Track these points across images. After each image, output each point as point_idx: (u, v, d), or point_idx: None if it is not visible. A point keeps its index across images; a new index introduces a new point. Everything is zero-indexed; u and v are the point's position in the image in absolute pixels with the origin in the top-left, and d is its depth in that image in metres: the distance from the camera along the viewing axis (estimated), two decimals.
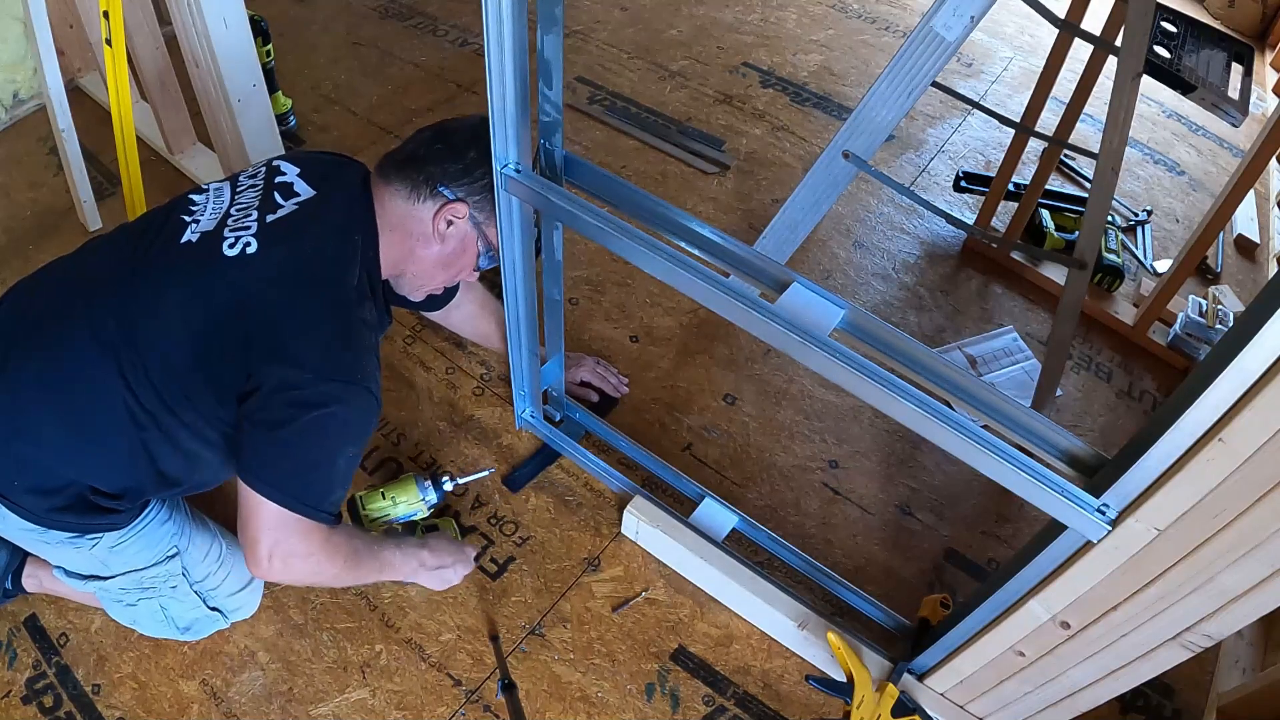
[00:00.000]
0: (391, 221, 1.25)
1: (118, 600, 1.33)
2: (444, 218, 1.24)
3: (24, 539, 1.20)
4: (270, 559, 1.15)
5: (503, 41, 1.05)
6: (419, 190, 1.24)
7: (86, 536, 1.21)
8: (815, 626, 1.43)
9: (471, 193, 1.24)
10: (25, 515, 1.15)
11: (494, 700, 1.40)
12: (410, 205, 1.24)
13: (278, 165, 1.29)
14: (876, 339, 1.05)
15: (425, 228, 1.25)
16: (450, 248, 1.28)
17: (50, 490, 1.14)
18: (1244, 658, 1.46)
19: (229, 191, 1.26)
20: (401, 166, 1.25)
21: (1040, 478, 0.94)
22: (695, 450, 1.75)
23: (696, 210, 2.22)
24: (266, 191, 1.24)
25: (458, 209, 1.24)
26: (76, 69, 2.40)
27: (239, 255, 1.15)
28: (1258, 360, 0.76)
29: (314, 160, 1.32)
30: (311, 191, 1.24)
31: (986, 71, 2.78)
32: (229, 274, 1.14)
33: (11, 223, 2.10)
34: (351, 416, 1.15)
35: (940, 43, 1.39)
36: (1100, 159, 1.58)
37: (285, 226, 1.19)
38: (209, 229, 1.19)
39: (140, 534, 1.25)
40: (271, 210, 1.21)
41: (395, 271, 1.30)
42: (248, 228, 1.18)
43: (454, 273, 1.33)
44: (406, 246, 1.26)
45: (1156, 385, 1.95)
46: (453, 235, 1.26)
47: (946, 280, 2.13)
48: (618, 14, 2.89)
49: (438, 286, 1.36)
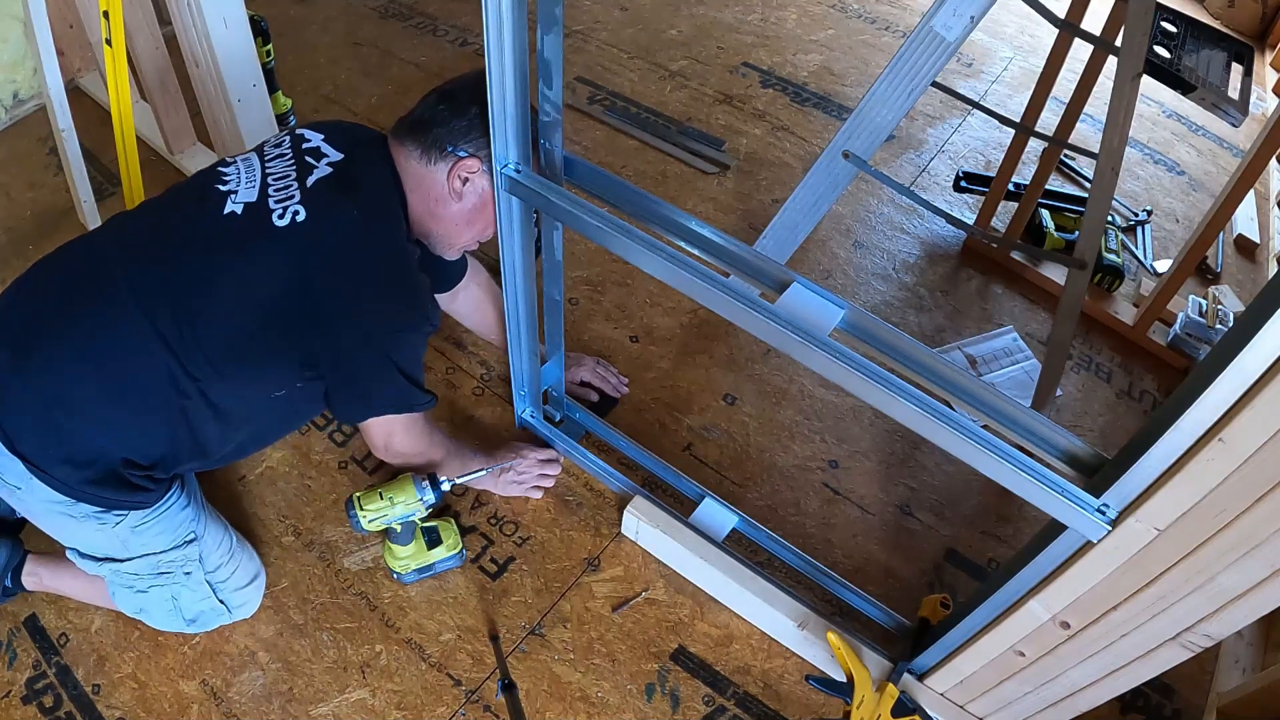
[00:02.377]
0: (412, 183, 1.29)
1: (129, 586, 1.34)
2: (458, 175, 1.27)
3: (49, 511, 1.21)
4: (388, 448, 1.41)
5: (503, 41, 1.05)
6: (430, 152, 1.27)
7: (113, 513, 1.22)
8: (815, 626, 1.43)
9: (480, 147, 1.26)
10: (57, 486, 1.16)
11: (494, 700, 1.40)
12: (425, 167, 1.28)
13: (301, 133, 1.32)
14: (876, 339, 1.05)
15: (441, 188, 1.28)
16: (470, 204, 1.31)
17: (85, 462, 1.16)
18: (1244, 658, 1.46)
19: (258, 161, 1.28)
20: (412, 130, 1.28)
21: (1040, 478, 0.94)
22: (695, 450, 1.75)
23: (696, 210, 2.22)
24: (297, 156, 1.27)
25: (469, 165, 1.27)
26: (76, 69, 2.40)
27: (290, 225, 1.18)
28: (1258, 360, 0.76)
29: (333, 127, 1.35)
30: (340, 154, 1.27)
31: (986, 71, 2.78)
32: (285, 244, 1.18)
33: (11, 223, 2.10)
34: (418, 344, 1.31)
35: (940, 43, 1.39)
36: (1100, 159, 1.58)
37: (327, 189, 1.22)
38: (251, 199, 1.21)
39: (162, 516, 1.27)
40: (308, 173, 1.24)
41: (422, 232, 1.34)
42: (292, 196, 1.21)
43: (481, 227, 1.36)
44: (427, 207, 1.30)
45: (1156, 385, 1.95)
46: (470, 191, 1.29)
47: (946, 280, 2.13)
48: (618, 14, 2.89)
49: (469, 243, 1.39)
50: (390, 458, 1.44)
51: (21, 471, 1.15)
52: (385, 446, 1.40)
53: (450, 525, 1.54)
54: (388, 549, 1.48)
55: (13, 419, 1.14)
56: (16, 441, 1.14)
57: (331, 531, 1.58)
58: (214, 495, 1.58)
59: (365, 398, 1.31)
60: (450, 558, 1.52)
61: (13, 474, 1.16)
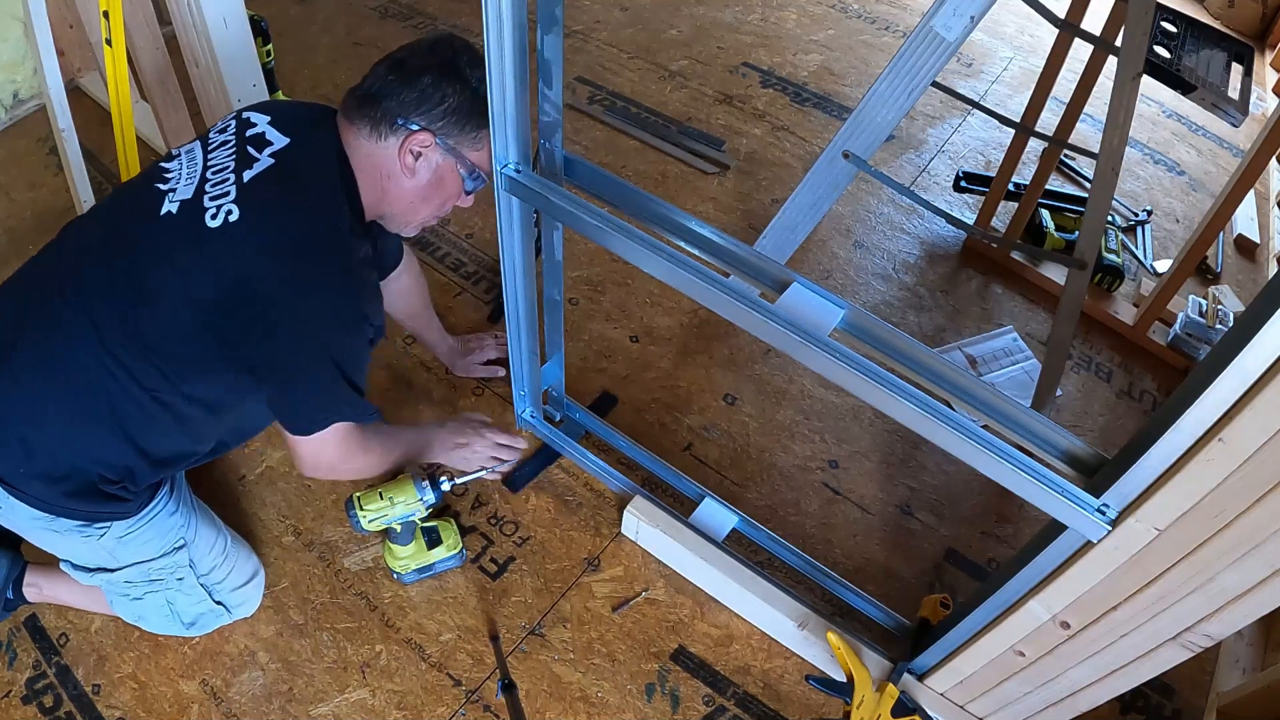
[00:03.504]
0: (361, 163, 1.22)
1: (124, 594, 1.33)
2: (409, 150, 1.20)
3: (32, 528, 1.20)
4: (316, 467, 1.32)
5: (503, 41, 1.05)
6: (379, 127, 1.20)
7: (95, 525, 1.21)
8: (815, 626, 1.43)
9: (433, 119, 1.20)
10: (34, 503, 1.15)
11: (494, 700, 1.40)
12: (374, 143, 1.21)
13: (248, 117, 1.25)
14: (876, 339, 1.05)
15: (393, 164, 1.22)
16: (424, 179, 1.24)
17: (57, 476, 1.15)
18: (1244, 658, 1.46)
19: (200, 152, 1.23)
20: (361, 104, 1.21)
21: (1040, 478, 0.94)
22: (695, 450, 1.75)
23: (696, 210, 2.22)
24: (240, 146, 1.20)
25: (421, 139, 1.20)
26: (76, 69, 2.40)
27: (223, 225, 1.12)
28: (1258, 360, 0.76)
29: (284, 108, 1.29)
30: (285, 140, 1.20)
31: (986, 71, 2.78)
32: (218, 246, 1.12)
33: (11, 222, 2.10)
34: (358, 350, 1.24)
35: (940, 43, 1.39)
36: (1100, 159, 1.58)
37: (264, 184, 1.16)
38: (187, 196, 1.16)
39: (148, 524, 1.26)
40: (247, 166, 1.17)
41: (377, 213, 1.28)
42: (226, 193, 1.15)
43: (439, 202, 1.29)
44: (380, 186, 1.24)
45: (1156, 385, 1.95)
46: (423, 166, 1.23)
47: (946, 280, 2.13)
48: (618, 14, 2.89)
49: (428, 219, 1.33)
50: (320, 473, 1.35)
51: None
52: (314, 459, 1.28)
53: (450, 525, 1.54)
54: (388, 549, 1.48)
55: None
56: None
57: (331, 531, 1.58)
58: (213, 495, 1.58)
59: (308, 403, 1.22)
60: (450, 558, 1.52)
61: None
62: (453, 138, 1.23)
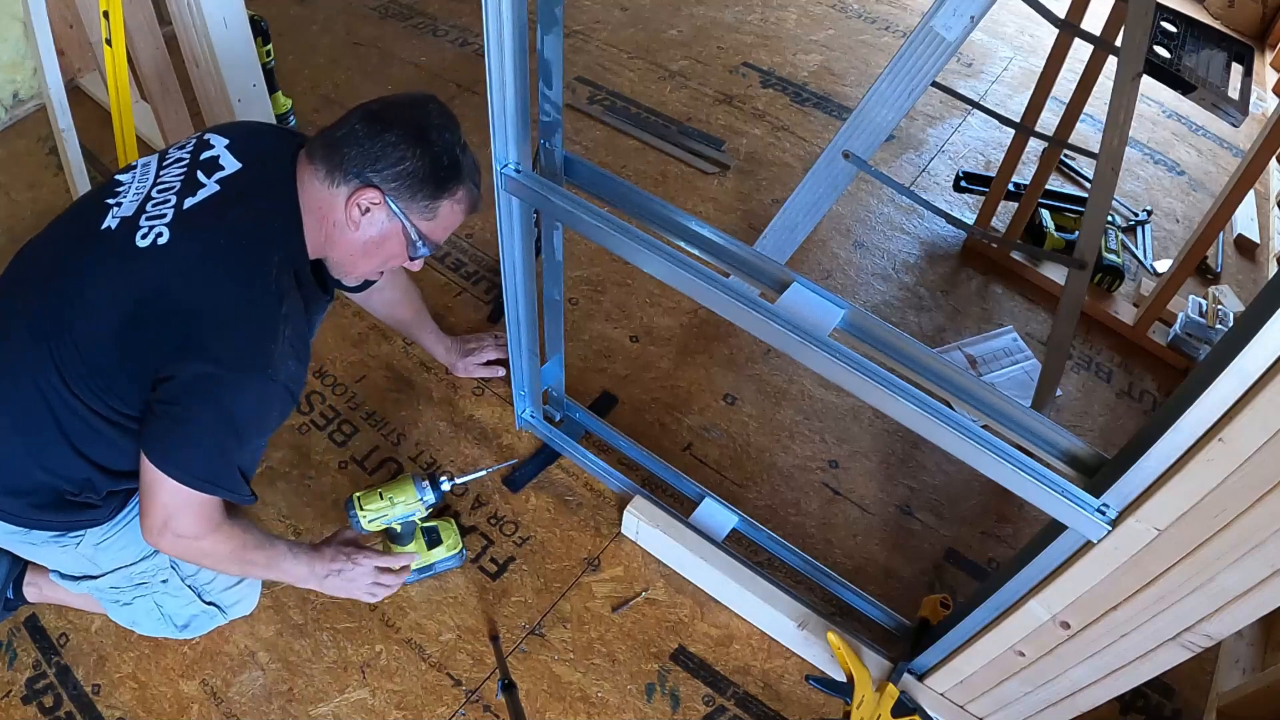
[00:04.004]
0: (310, 204, 1.18)
1: (114, 600, 1.33)
2: (355, 204, 1.16)
3: (10, 542, 1.20)
4: (162, 530, 1.13)
5: (503, 41, 1.05)
6: (334, 174, 1.16)
7: (70, 535, 1.20)
8: (815, 626, 1.43)
9: (386, 179, 1.16)
10: (5, 518, 1.15)
11: (494, 700, 1.40)
12: (326, 188, 1.17)
13: (208, 139, 1.22)
14: (876, 339, 1.05)
15: (339, 213, 1.18)
16: (368, 235, 1.20)
17: (23, 490, 1.14)
18: (1244, 658, 1.46)
19: (154, 168, 1.21)
20: (325, 147, 1.18)
21: (1040, 478, 0.94)
22: (695, 450, 1.75)
23: (696, 210, 2.22)
24: (190, 169, 1.18)
25: (369, 194, 1.16)
26: (76, 69, 2.40)
27: (150, 247, 1.10)
28: (1258, 360, 0.76)
29: (248, 131, 1.26)
30: (237, 165, 1.18)
31: (986, 71, 2.78)
32: (142, 267, 1.10)
33: (11, 222, 2.10)
34: (260, 409, 1.13)
35: (940, 43, 1.39)
36: (1100, 159, 1.58)
37: (201, 213, 1.13)
38: (128, 214, 1.14)
39: (124, 529, 1.25)
40: (190, 193, 1.15)
41: (320, 254, 1.24)
42: (163, 215, 1.12)
43: (379, 260, 1.25)
44: (325, 231, 1.20)
45: (1156, 385, 1.95)
46: (367, 223, 1.18)
47: (946, 280, 2.13)
48: (618, 14, 2.89)
49: (370, 273, 1.29)
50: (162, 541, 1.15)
51: None
52: (163, 524, 1.12)
53: (450, 525, 1.54)
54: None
55: None
56: None
57: (331, 531, 1.58)
58: None
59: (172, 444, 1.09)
60: (451, 557, 1.52)
61: None
62: (403, 201, 1.18)
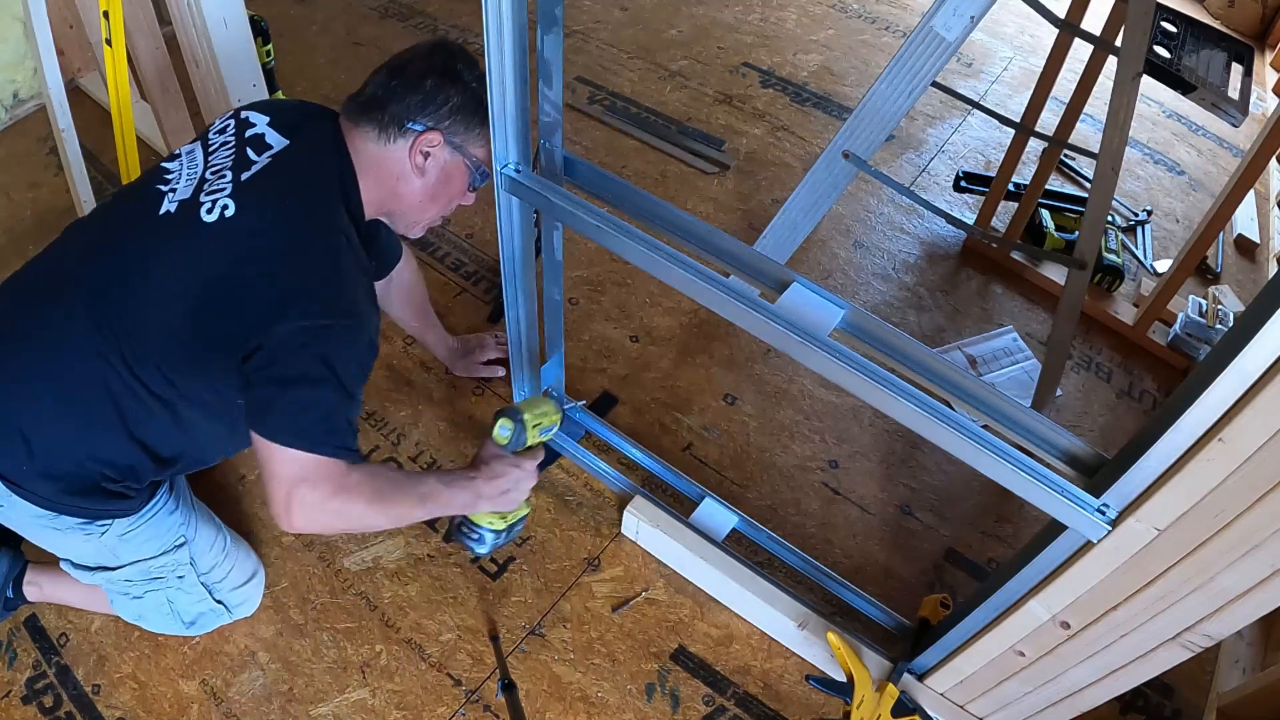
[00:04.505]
0: (367, 165, 1.24)
1: (124, 593, 1.33)
2: (419, 151, 1.23)
3: (34, 525, 1.20)
4: (289, 506, 1.10)
5: (503, 41, 1.05)
6: (387, 130, 1.23)
7: (97, 523, 1.21)
8: (815, 626, 1.43)
9: (439, 119, 1.23)
10: (36, 500, 1.15)
11: (494, 700, 1.40)
12: (382, 146, 1.23)
13: (246, 117, 1.26)
14: (876, 339, 1.05)
15: (403, 165, 1.24)
16: (433, 178, 1.27)
17: (59, 475, 1.15)
18: (1244, 658, 1.46)
19: (201, 153, 1.24)
20: (365, 109, 1.24)
21: (1040, 478, 0.94)
22: (695, 450, 1.75)
23: (696, 210, 2.22)
24: (239, 147, 1.22)
25: (430, 139, 1.23)
26: (76, 69, 2.40)
27: (218, 220, 1.13)
28: (1258, 360, 0.76)
29: (283, 108, 1.29)
30: (284, 141, 1.22)
31: (986, 71, 2.78)
32: (213, 240, 1.13)
33: (11, 222, 2.10)
34: (356, 355, 1.15)
35: (940, 43, 1.39)
36: (1100, 159, 1.58)
37: (261, 182, 1.17)
38: (186, 197, 1.17)
39: (149, 522, 1.26)
40: (245, 168, 1.18)
41: (382, 212, 1.30)
42: (223, 189, 1.16)
43: (446, 200, 1.32)
44: (388, 187, 1.26)
45: (1156, 385, 1.95)
46: (432, 166, 1.26)
47: (946, 280, 2.13)
48: (618, 14, 2.89)
49: (434, 218, 1.35)
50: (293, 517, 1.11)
51: (1, 489, 1.14)
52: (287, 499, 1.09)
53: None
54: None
55: None
56: None
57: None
58: (213, 495, 1.58)
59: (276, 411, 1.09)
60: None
61: None
62: (459, 135, 1.26)
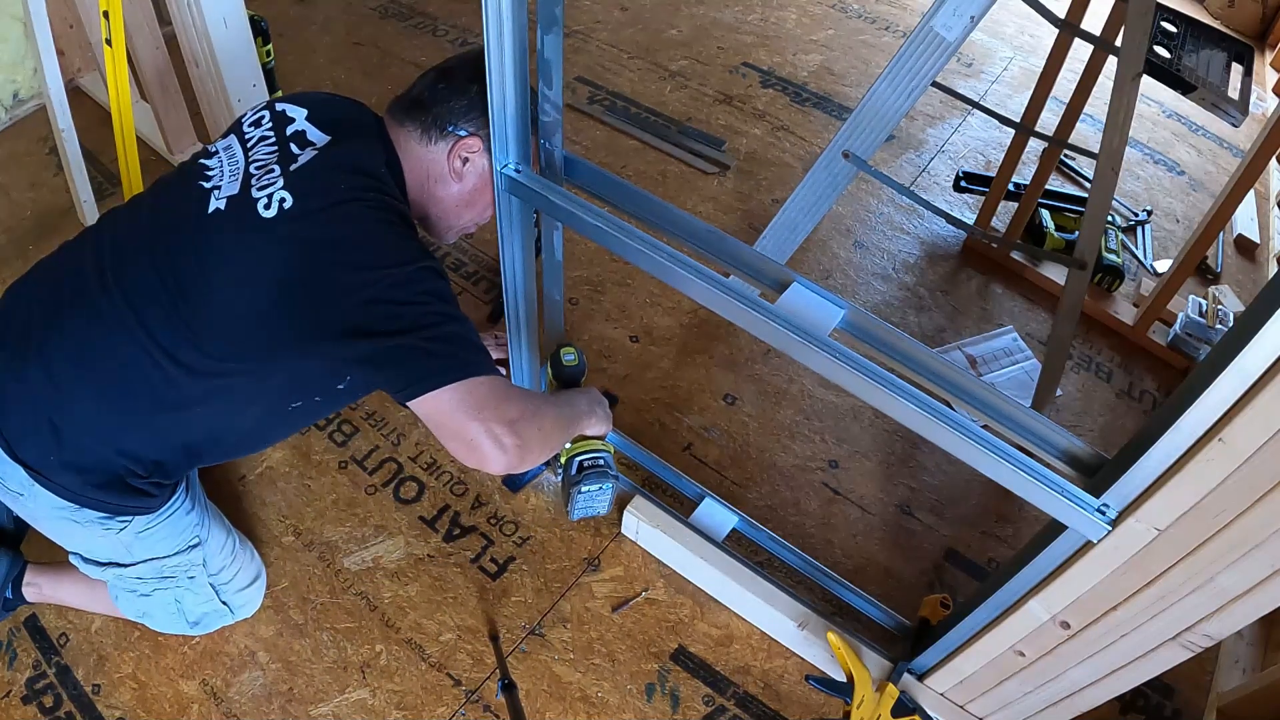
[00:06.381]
0: (410, 164, 1.26)
1: (132, 590, 1.33)
2: (458, 155, 1.25)
3: (54, 517, 1.20)
4: (497, 439, 1.06)
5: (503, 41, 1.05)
6: (430, 132, 1.25)
7: (118, 518, 1.21)
8: (815, 626, 1.43)
9: (481, 126, 1.23)
10: (61, 492, 1.15)
11: (494, 700, 1.40)
12: (424, 147, 1.25)
13: (283, 110, 1.25)
14: (876, 339, 1.05)
15: (441, 168, 1.26)
16: (470, 184, 1.28)
17: (86, 467, 1.15)
18: (1244, 658, 1.46)
19: (240, 148, 1.23)
20: (410, 110, 1.26)
21: (1040, 478, 0.94)
22: (695, 450, 1.75)
23: (696, 210, 2.22)
24: (281, 143, 1.21)
25: (470, 144, 1.24)
26: (76, 69, 2.40)
27: (278, 212, 1.12)
28: (1258, 360, 0.76)
29: (319, 102, 1.29)
30: (325, 137, 1.21)
31: (986, 71, 2.78)
32: (275, 232, 1.11)
33: (11, 222, 2.10)
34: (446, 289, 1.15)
35: (940, 43, 1.39)
36: (1100, 159, 1.58)
37: (312, 172, 1.16)
38: (234, 193, 1.16)
39: (166, 521, 1.26)
40: (292, 160, 1.18)
41: (420, 214, 1.31)
42: (274, 183, 1.15)
43: (479, 208, 1.33)
44: (426, 189, 1.27)
45: (1156, 385, 1.95)
46: (470, 172, 1.27)
47: (946, 280, 2.13)
48: (618, 14, 2.89)
49: (468, 225, 1.36)
50: (503, 450, 1.07)
51: (24, 479, 1.14)
52: (479, 435, 1.05)
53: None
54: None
55: (12, 425, 1.13)
56: (17, 448, 1.12)
57: (331, 531, 1.58)
58: (214, 495, 1.58)
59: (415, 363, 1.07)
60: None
61: (15, 481, 1.15)
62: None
